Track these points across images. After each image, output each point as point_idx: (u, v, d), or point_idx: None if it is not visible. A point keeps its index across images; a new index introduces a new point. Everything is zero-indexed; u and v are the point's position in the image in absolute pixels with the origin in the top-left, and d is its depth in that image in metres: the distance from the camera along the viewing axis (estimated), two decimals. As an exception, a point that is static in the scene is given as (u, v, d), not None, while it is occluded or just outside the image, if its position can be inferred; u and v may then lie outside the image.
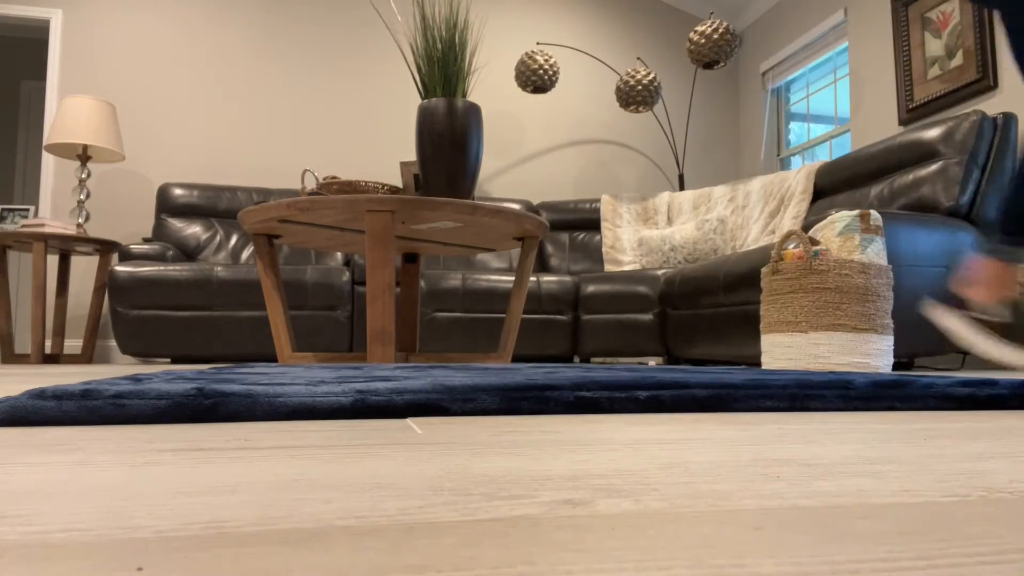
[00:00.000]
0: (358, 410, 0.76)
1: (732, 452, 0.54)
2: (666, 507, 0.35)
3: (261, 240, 2.37)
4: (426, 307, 3.59)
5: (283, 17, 4.68)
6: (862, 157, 3.27)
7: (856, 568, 0.25)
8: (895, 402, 0.93)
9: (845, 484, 0.41)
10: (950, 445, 0.59)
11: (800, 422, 0.76)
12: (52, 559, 0.25)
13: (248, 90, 4.58)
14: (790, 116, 5.01)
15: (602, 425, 0.71)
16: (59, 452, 0.51)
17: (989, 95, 3.36)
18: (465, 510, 0.34)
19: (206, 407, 0.73)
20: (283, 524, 0.31)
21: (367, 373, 1.09)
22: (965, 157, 2.73)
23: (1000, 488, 0.41)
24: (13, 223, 4.14)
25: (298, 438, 0.60)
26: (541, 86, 4.34)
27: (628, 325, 3.65)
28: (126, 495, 0.37)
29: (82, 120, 3.78)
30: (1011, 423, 0.77)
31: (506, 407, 0.81)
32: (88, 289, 4.29)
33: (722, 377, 0.97)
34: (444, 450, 0.53)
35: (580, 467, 0.46)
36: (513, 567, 0.25)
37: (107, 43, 4.41)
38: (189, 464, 0.46)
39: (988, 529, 0.31)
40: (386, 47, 4.81)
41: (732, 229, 3.94)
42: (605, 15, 5.23)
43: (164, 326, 3.37)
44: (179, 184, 4.19)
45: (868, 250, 1.85)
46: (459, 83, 2.32)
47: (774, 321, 1.91)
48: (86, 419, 0.69)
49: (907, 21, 3.83)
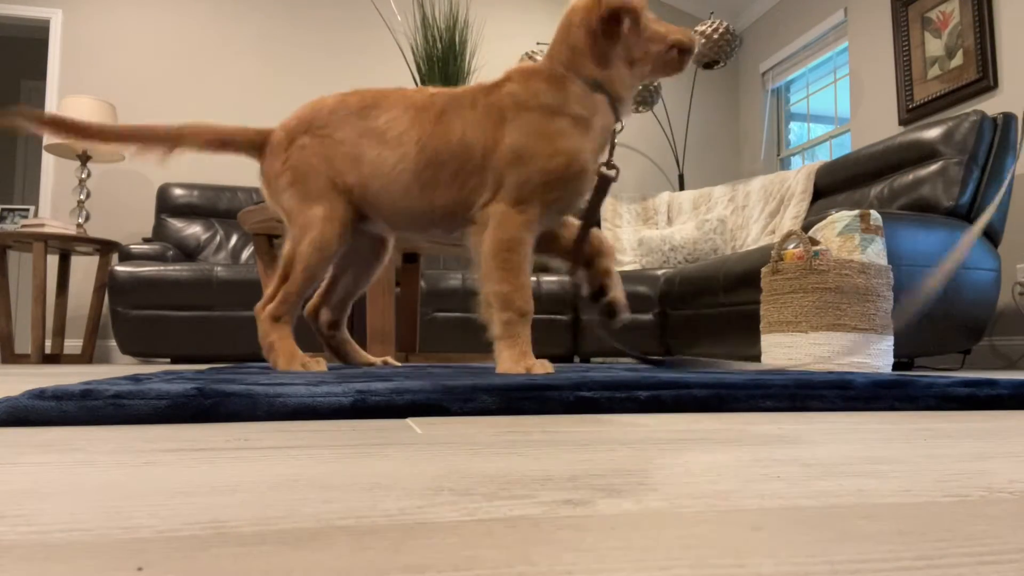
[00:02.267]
0: (358, 410, 0.76)
1: (732, 452, 0.54)
2: (666, 507, 0.35)
3: (261, 240, 2.37)
4: (426, 307, 3.60)
5: (283, 17, 4.68)
6: (862, 157, 3.27)
7: (856, 568, 0.25)
8: (895, 402, 0.93)
9: (845, 484, 0.41)
10: (950, 445, 0.59)
11: (800, 422, 0.76)
12: (52, 559, 0.25)
13: (248, 90, 4.58)
14: (790, 116, 5.01)
15: (602, 425, 0.71)
16: (59, 452, 0.51)
17: (989, 95, 3.36)
18: (465, 510, 0.34)
19: (206, 407, 0.73)
20: (283, 524, 0.31)
21: (367, 373, 1.09)
22: (965, 157, 2.73)
23: (1000, 488, 0.41)
24: (13, 223, 4.14)
25: (298, 438, 0.60)
26: (541, 86, 4.33)
27: (628, 325, 3.65)
28: (126, 495, 0.37)
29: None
30: (1011, 423, 0.77)
31: (506, 407, 0.81)
32: (88, 289, 4.29)
33: (722, 377, 0.97)
34: (444, 450, 0.53)
35: (580, 467, 0.46)
36: (513, 567, 0.25)
37: (107, 43, 4.41)
38: (189, 464, 0.46)
39: (988, 529, 0.31)
40: (386, 47, 4.81)
41: (732, 229, 3.94)
42: (605, 15, 5.22)
43: (164, 326, 3.37)
44: (179, 184, 4.19)
45: (868, 250, 1.85)
46: (459, 83, 2.32)
47: (774, 321, 1.92)
48: (86, 419, 0.69)
49: (907, 21, 3.83)
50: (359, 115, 1.36)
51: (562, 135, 1.26)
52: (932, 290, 1.15)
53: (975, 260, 2.61)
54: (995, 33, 3.34)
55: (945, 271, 1.15)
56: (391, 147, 1.32)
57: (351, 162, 1.35)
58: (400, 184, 1.32)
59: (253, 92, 4.58)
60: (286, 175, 1.37)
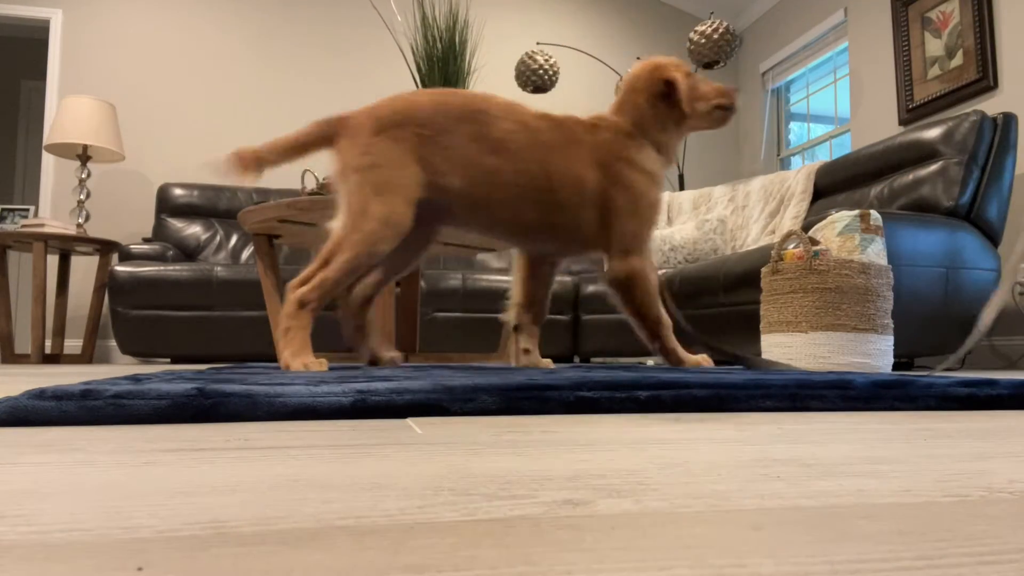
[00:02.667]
0: (358, 410, 0.76)
1: (732, 452, 0.54)
2: (666, 507, 0.35)
3: (261, 240, 2.37)
4: (426, 307, 3.60)
5: (283, 17, 4.68)
6: (862, 157, 3.27)
7: (856, 568, 0.25)
8: (895, 402, 0.93)
9: (845, 484, 0.41)
10: (950, 445, 0.59)
11: (800, 422, 0.76)
12: (52, 559, 0.25)
13: (248, 90, 4.58)
14: (790, 116, 5.01)
15: (602, 425, 0.71)
16: (59, 452, 0.51)
17: (989, 95, 3.36)
18: (465, 510, 0.34)
19: (206, 407, 0.73)
20: (283, 524, 0.31)
21: (367, 373, 1.09)
22: (965, 157, 2.73)
23: (1000, 488, 0.41)
24: (13, 223, 4.14)
25: (298, 438, 0.60)
26: (541, 86, 4.33)
27: (628, 325, 3.65)
28: (126, 495, 0.37)
29: (82, 120, 3.78)
30: (1011, 423, 0.77)
31: (506, 407, 0.81)
32: (88, 289, 4.29)
33: (722, 377, 0.97)
34: (444, 450, 0.53)
35: (580, 467, 0.46)
36: (513, 567, 0.25)
37: (107, 43, 4.41)
38: (189, 464, 0.47)
39: (988, 529, 0.31)
40: (386, 47, 4.81)
41: (732, 229, 3.94)
42: (605, 15, 5.23)
43: (164, 326, 3.37)
44: (179, 184, 4.19)
45: (868, 250, 1.85)
46: (459, 83, 2.32)
47: (774, 321, 1.92)
48: (86, 419, 0.69)
49: (907, 21, 3.83)
50: (468, 120, 1.40)
51: (657, 200, 1.51)
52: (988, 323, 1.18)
53: (975, 260, 2.61)
54: (995, 33, 3.34)
55: (999, 299, 1.16)
56: (511, 161, 1.40)
57: (459, 165, 1.38)
58: (511, 197, 1.42)
59: (253, 92, 4.58)
60: (364, 159, 1.35)
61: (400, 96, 1.42)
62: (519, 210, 1.43)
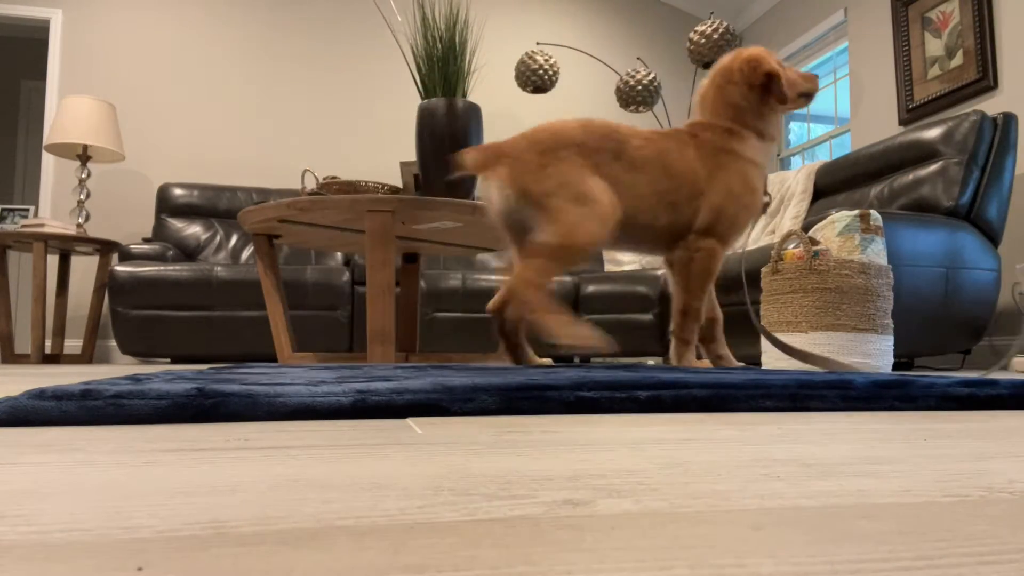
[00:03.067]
0: (358, 410, 0.76)
1: (732, 452, 0.54)
2: (666, 507, 0.35)
3: (261, 240, 2.37)
4: (426, 307, 3.60)
5: (283, 17, 4.68)
6: (862, 157, 3.27)
7: (856, 568, 0.25)
8: (895, 402, 0.93)
9: (845, 484, 0.41)
10: (950, 445, 0.59)
11: (800, 422, 0.76)
12: (52, 559, 0.25)
13: (248, 90, 4.58)
14: (790, 116, 5.01)
15: (602, 425, 0.71)
16: (59, 452, 0.51)
17: (989, 95, 3.36)
18: (465, 510, 0.34)
19: (206, 407, 0.73)
20: (283, 524, 0.31)
21: (367, 373, 1.09)
22: (965, 157, 2.73)
23: (1000, 488, 0.41)
24: (13, 223, 4.14)
25: (298, 438, 0.60)
26: (541, 86, 4.34)
27: (628, 325, 3.65)
28: (126, 495, 0.37)
29: (82, 120, 3.78)
30: (1011, 423, 0.77)
31: (506, 407, 0.81)
32: (88, 289, 4.29)
33: (722, 377, 0.97)
34: (444, 450, 0.53)
35: (580, 467, 0.46)
36: (513, 567, 0.25)
37: (107, 43, 4.41)
38: (189, 464, 0.47)
39: (988, 529, 0.31)
40: (386, 47, 4.81)
41: (732, 229, 3.94)
42: (605, 15, 5.23)
43: (164, 326, 3.37)
44: (179, 184, 4.18)
45: (868, 250, 1.85)
46: (459, 83, 2.32)
47: (774, 321, 1.92)
48: (86, 419, 0.69)
49: (907, 21, 3.83)
50: (611, 140, 1.53)
51: (757, 189, 1.61)
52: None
53: (975, 260, 2.61)
54: (995, 33, 3.34)
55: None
56: (645, 173, 1.54)
57: (612, 182, 1.49)
58: (649, 206, 1.55)
59: (253, 91, 4.58)
60: (549, 182, 1.44)
61: (547, 125, 1.54)
62: (656, 216, 1.56)
